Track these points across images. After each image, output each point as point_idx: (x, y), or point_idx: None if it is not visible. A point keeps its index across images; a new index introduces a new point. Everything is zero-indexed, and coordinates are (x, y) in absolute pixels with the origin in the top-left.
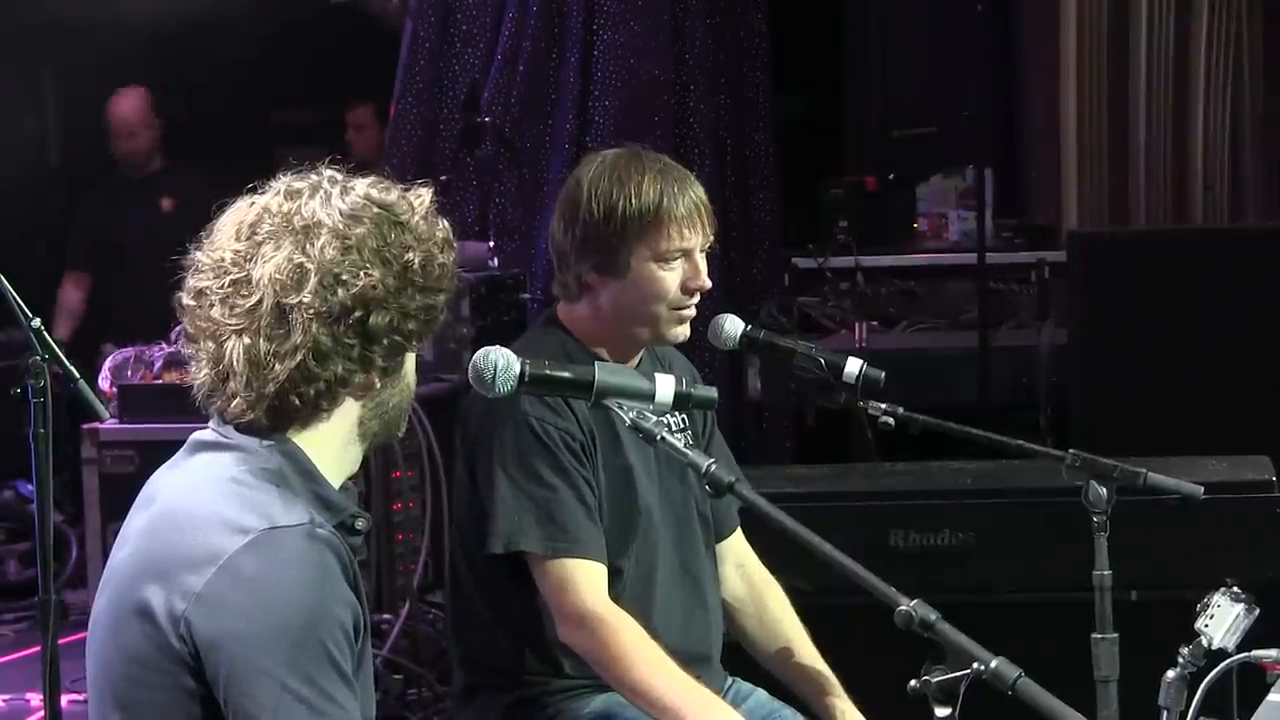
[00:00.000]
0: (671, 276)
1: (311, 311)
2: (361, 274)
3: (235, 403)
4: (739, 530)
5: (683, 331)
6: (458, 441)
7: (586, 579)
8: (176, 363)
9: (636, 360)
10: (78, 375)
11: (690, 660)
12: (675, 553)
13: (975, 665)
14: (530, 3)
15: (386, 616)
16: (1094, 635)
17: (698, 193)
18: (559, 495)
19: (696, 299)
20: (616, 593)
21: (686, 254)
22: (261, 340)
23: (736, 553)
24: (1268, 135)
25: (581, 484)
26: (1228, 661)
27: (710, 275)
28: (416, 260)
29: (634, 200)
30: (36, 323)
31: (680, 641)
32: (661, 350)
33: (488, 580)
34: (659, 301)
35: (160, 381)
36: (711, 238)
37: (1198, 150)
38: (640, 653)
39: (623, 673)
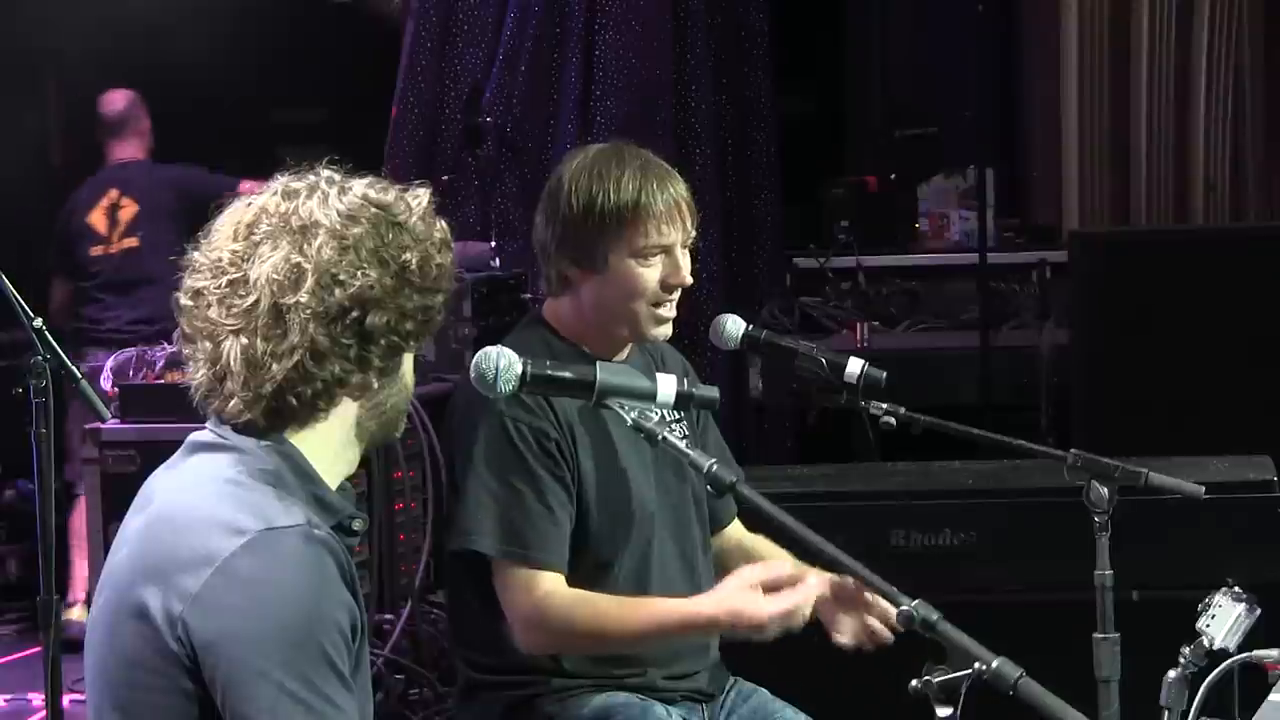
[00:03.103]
0: (650, 273)
1: (309, 312)
2: (359, 274)
3: (232, 403)
4: (737, 521)
5: (663, 331)
6: (444, 434)
7: (539, 587)
8: (178, 363)
9: (624, 354)
10: (80, 375)
11: (687, 654)
12: (674, 542)
13: (977, 665)
14: (532, 3)
15: (388, 616)
16: (1095, 635)
17: (678, 189)
18: (522, 500)
19: (677, 296)
20: (610, 587)
21: (666, 250)
22: (259, 340)
23: (736, 536)
24: (1269, 135)
25: (548, 488)
26: (1229, 661)
27: (711, 275)
28: (414, 260)
29: (612, 196)
30: (38, 323)
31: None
32: (654, 346)
33: (483, 576)
34: (638, 298)
35: (162, 382)
36: (694, 233)
37: (1199, 150)
38: (594, 617)
39: (599, 640)
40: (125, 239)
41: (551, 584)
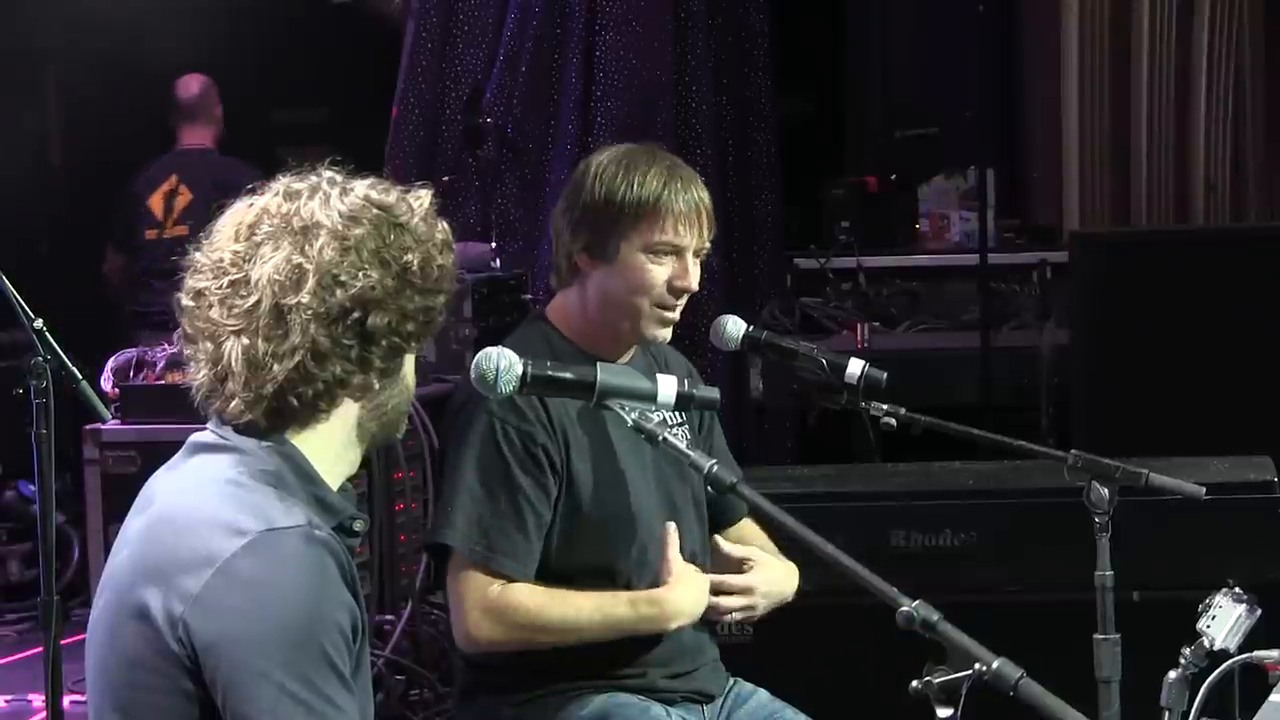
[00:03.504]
0: (659, 271)
1: (310, 312)
2: (360, 275)
3: (234, 404)
4: (747, 520)
5: (664, 333)
6: (440, 430)
7: (491, 586)
8: (179, 364)
9: (628, 356)
10: (80, 376)
11: (686, 655)
12: None
13: (977, 666)
14: (532, 3)
15: (389, 617)
16: (1096, 636)
17: (701, 194)
18: (497, 505)
19: (682, 302)
20: (609, 589)
21: (678, 252)
22: (260, 341)
23: (741, 536)
24: (1269, 135)
25: (525, 497)
26: (1229, 662)
27: (712, 276)
28: (415, 262)
29: (635, 188)
30: (39, 323)
31: (680, 634)
32: (658, 348)
33: None
34: (643, 294)
35: (162, 382)
36: (708, 245)
37: (1199, 150)
38: (540, 609)
39: (538, 633)
40: (177, 227)
41: (504, 585)
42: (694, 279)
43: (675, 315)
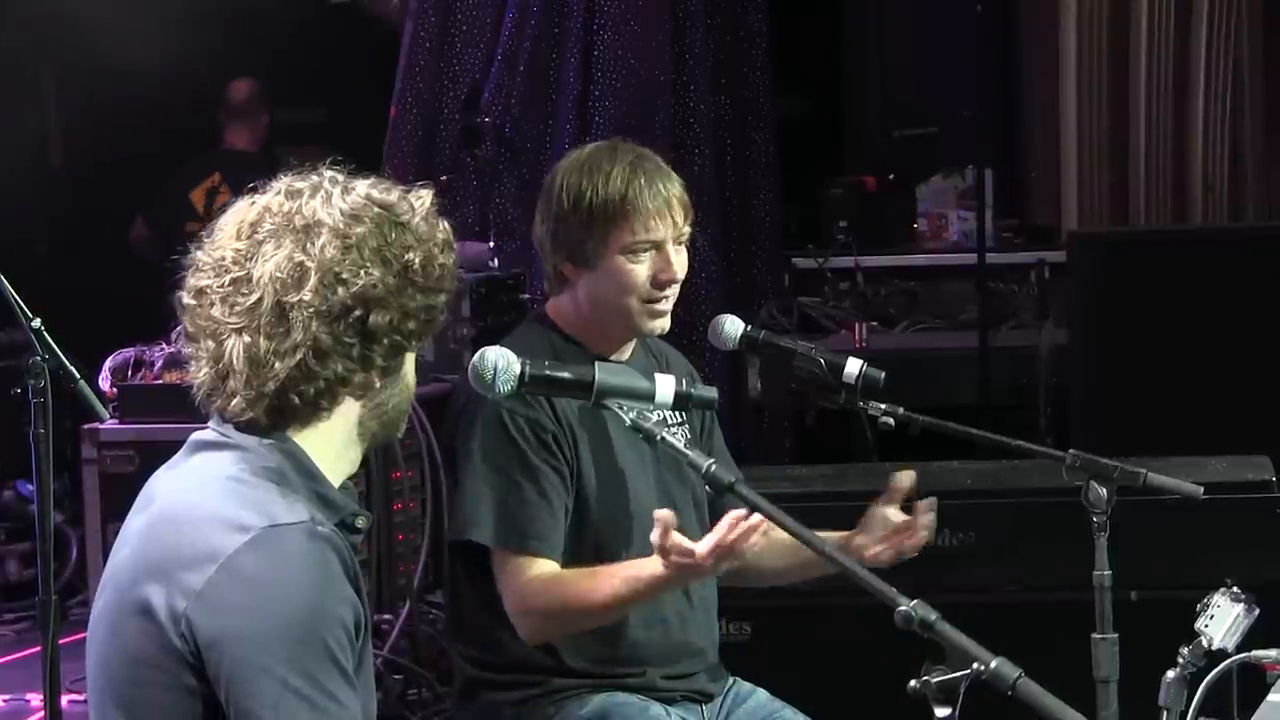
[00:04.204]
0: (640, 269)
1: (311, 310)
2: (362, 273)
3: (235, 401)
4: None
5: (659, 324)
6: (444, 430)
7: (535, 573)
8: (177, 363)
9: (627, 353)
10: (78, 375)
11: (686, 654)
12: None
13: (975, 665)
14: (531, 3)
15: (387, 617)
16: (1094, 635)
17: (668, 185)
18: (520, 491)
19: (671, 291)
20: None
21: (656, 246)
22: (261, 339)
23: None
24: (1268, 129)
25: (544, 478)
26: (1228, 662)
27: (710, 276)
28: (417, 260)
29: (600, 192)
30: (37, 323)
31: (679, 634)
32: (659, 347)
33: (480, 570)
34: (629, 293)
35: (160, 382)
36: (687, 230)
37: (1198, 150)
38: (573, 587)
39: (582, 610)
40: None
41: (542, 568)
42: (678, 267)
43: (668, 305)
